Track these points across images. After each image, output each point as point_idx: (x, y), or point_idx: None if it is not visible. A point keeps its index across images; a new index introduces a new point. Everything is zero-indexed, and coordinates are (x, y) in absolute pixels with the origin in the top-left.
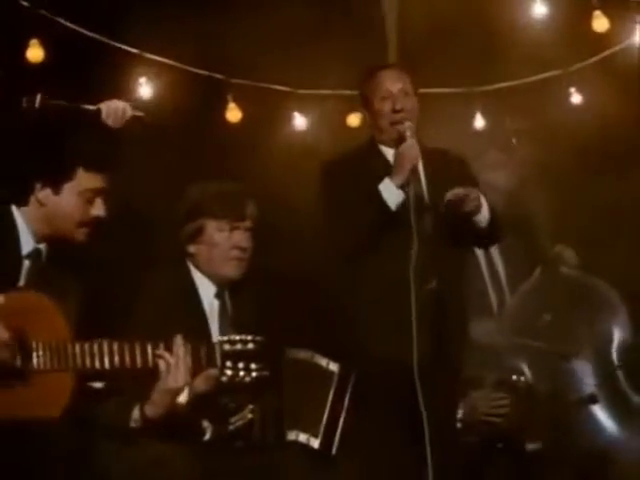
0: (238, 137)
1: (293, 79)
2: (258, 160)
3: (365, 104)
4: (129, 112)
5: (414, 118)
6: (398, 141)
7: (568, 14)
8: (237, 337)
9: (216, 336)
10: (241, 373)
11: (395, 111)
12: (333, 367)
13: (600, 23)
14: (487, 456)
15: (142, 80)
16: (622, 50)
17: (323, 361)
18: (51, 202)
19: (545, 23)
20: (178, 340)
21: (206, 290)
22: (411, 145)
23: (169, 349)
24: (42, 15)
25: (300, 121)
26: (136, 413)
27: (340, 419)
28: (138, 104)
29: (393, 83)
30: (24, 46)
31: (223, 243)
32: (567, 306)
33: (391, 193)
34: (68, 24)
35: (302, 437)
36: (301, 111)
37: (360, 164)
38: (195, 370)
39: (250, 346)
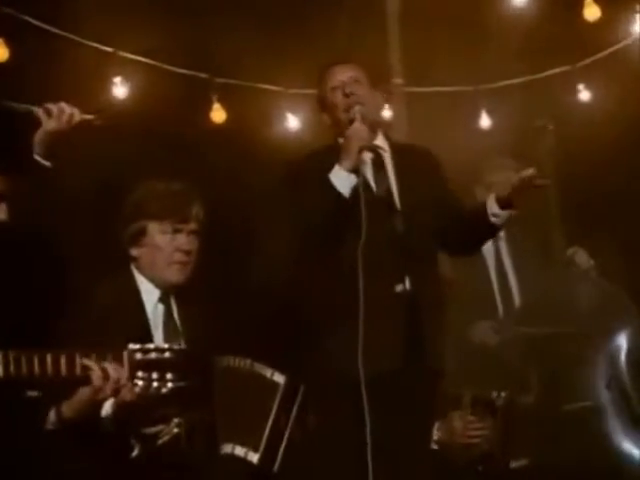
0: (224, 138)
1: (286, 78)
2: (243, 162)
3: (323, 106)
4: (77, 116)
5: (369, 105)
6: (349, 125)
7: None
8: (151, 345)
9: (160, 342)
10: (155, 384)
11: (345, 95)
12: (278, 378)
13: (591, 11)
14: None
15: (117, 80)
16: (630, 44)
17: (267, 371)
18: None
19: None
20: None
21: (150, 295)
22: (358, 128)
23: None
24: (7, 13)
25: (292, 122)
26: (52, 415)
27: (285, 434)
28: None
29: (343, 73)
30: None
31: (166, 246)
32: (578, 310)
33: (341, 179)
34: (36, 22)
35: (239, 451)
36: (293, 112)
37: (320, 160)
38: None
39: (167, 355)
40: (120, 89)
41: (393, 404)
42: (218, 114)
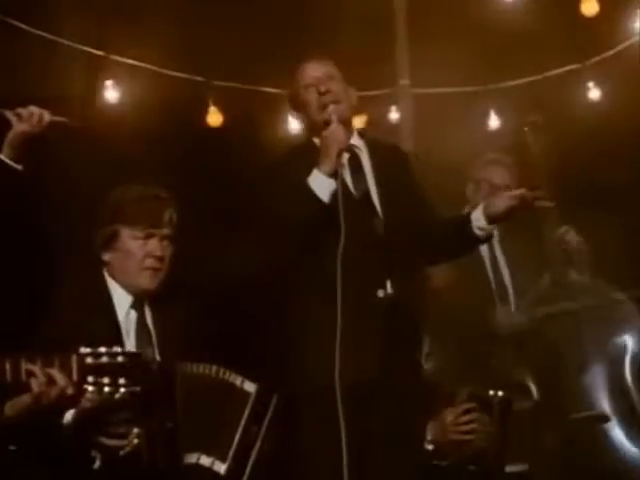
0: (221, 142)
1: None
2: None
3: (295, 106)
4: (47, 117)
5: (344, 103)
6: (324, 126)
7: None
8: (103, 349)
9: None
10: (106, 389)
11: (320, 94)
12: (249, 387)
13: (589, 6)
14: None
15: (109, 83)
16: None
17: (237, 380)
18: None
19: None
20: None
21: (122, 301)
22: (335, 129)
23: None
24: None
25: (294, 124)
26: None
27: (255, 445)
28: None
29: (316, 69)
30: None
31: (137, 251)
32: (577, 315)
33: (320, 183)
34: (25, 27)
35: (205, 460)
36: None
37: (294, 163)
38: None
39: (120, 359)
40: (112, 93)
41: (377, 410)
42: (214, 117)
